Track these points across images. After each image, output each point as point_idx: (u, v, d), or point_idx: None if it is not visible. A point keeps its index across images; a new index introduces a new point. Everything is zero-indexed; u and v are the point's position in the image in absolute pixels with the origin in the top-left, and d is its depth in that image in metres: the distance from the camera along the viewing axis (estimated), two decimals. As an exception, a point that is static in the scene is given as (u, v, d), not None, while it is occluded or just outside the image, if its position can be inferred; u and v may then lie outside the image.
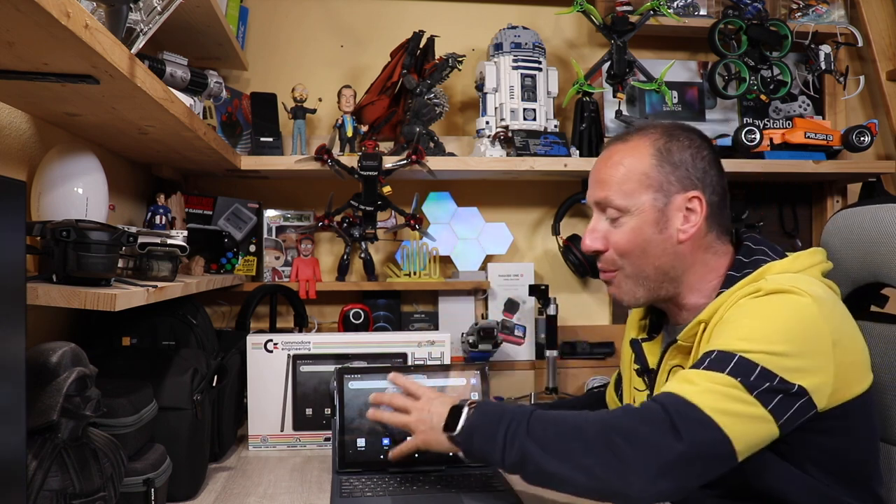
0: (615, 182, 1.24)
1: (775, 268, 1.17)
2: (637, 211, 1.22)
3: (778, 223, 2.43)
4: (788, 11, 2.37)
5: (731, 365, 1.03)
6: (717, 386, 1.02)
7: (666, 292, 1.26)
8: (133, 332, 1.49)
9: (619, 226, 1.24)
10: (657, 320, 1.40)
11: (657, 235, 1.23)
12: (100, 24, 0.89)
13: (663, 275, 1.24)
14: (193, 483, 1.33)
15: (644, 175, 1.23)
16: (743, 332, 1.07)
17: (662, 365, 1.27)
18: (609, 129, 2.35)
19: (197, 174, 2.13)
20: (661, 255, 1.24)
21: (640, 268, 1.24)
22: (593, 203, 1.27)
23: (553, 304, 2.15)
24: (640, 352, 1.35)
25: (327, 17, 2.29)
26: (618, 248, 1.24)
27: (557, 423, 1.08)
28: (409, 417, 1.23)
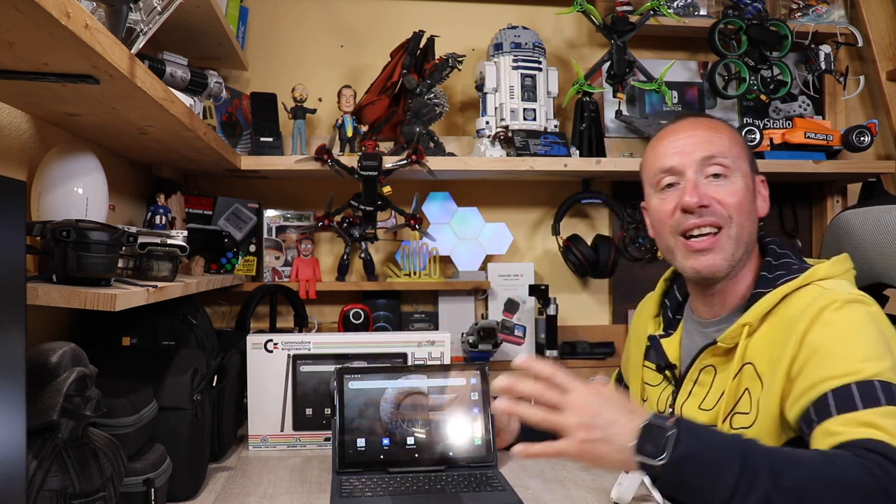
0: (724, 142, 1.24)
1: (820, 271, 1.18)
2: (741, 174, 1.24)
3: (778, 223, 2.43)
4: (788, 11, 2.37)
5: (882, 395, 1.01)
6: (894, 420, 0.99)
7: (739, 267, 1.25)
8: (133, 332, 1.48)
9: (726, 184, 1.23)
10: (672, 317, 1.41)
11: (752, 203, 1.26)
12: (100, 24, 0.89)
13: (748, 245, 1.25)
14: (193, 483, 1.33)
15: (743, 146, 1.28)
16: (859, 352, 1.06)
17: (695, 364, 1.27)
18: (609, 129, 2.36)
19: (197, 174, 2.13)
20: (753, 223, 1.25)
21: (744, 228, 1.23)
22: (695, 162, 1.23)
23: (553, 304, 2.15)
24: (658, 347, 1.35)
25: (327, 17, 2.29)
26: (728, 204, 1.21)
27: (806, 470, 0.94)
28: (566, 419, 0.99)
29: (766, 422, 1.14)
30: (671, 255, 1.29)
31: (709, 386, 1.25)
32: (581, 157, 2.14)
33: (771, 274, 1.22)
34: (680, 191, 1.24)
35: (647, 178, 1.33)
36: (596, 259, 2.19)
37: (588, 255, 2.18)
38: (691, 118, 1.30)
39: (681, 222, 1.24)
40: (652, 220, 1.33)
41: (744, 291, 1.26)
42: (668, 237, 1.27)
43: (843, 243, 1.37)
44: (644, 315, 1.47)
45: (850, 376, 1.04)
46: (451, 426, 1.44)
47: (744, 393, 1.19)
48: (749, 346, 1.19)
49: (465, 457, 1.42)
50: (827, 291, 1.13)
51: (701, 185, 1.23)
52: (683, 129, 1.28)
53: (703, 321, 1.31)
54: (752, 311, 1.18)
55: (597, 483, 1.36)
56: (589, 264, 2.18)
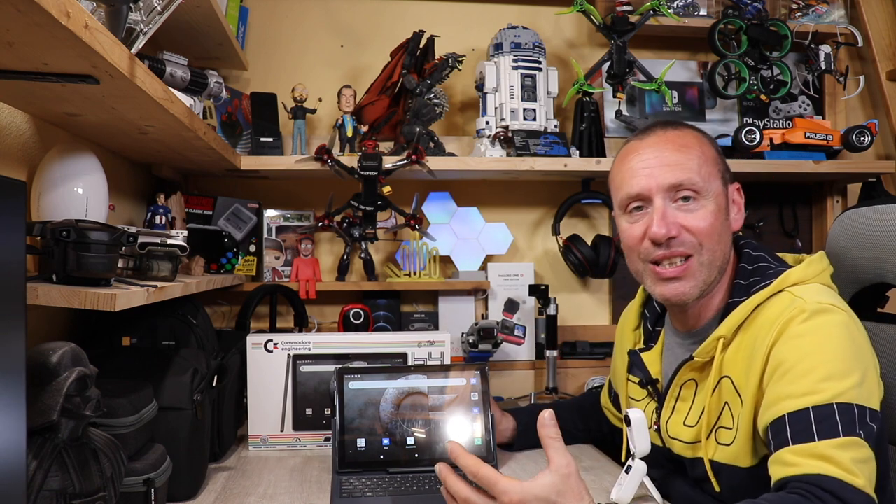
0: (693, 165, 1.19)
1: (792, 276, 1.15)
2: (712, 196, 1.20)
3: (778, 223, 2.43)
4: (788, 11, 2.37)
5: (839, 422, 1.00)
6: (851, 452, 0.99)
7: (711, 288, 1.22)
8: (133, 332, 1.48)
9: (695, 209, 1.18)
10: (652, 329, 1.39)
11: (724, 222, 1.22)
12: (100, 24, 0.89)
13: (721, 267, 1.21)
14: (193, 483, 1.33)
15: (714, 161, 1.23)
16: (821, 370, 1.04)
17: (675, 381, 1.25)
18: (609, 129, 2.36)
19: (197, 174, 2.13)
20: (726, 243, 1.22)
21: (715, 254, 1.19)
22: (662, 188, 1.19)
23: (553, 304, 2.15)
24: (639, 363, 1.33)
25: (327, 17, 2.29)
26: (698, 231, 1.17)
27: None
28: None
29: (742, 439, 1.13)
30: (640, 278, 1.26)
31: (691, 401, 1.23)
32: (581, 157, 2.14)
33: (745, 281, 1.20)
34: (648, 217, 1.20)
35: (615, 198, 1.28)
36: (596, 259, 2.19)
37: (588, 255, 2.18)
38: (659, 131, 1.24)
39: (650, 251, 1.20)
40: (621, 239, 1.29)
41: (719, 303, 1.24)
42: (638, 262, 1.24)
43: (846, 244, 1.36)
44: (625, 328, 1.45)
45: (808, 398, 1.02)
46: (451, 426, 1.44)
47: (724, 407, 1.17)
48: (725, 360, 1.17)
49: (465, 457, 1.42)
50: (796, 301, 1.10)
51: (669, 214, 1.18)
52: (651, 147, 1.22)
53: (682, 333, 1.30)
54: (725, 324, 1.16)
55: (597, 483, 1.36)
56: (589, 264, 2.18)
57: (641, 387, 1.34)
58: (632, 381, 1.39)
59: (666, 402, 1.27)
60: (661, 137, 1.23)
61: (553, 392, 2.13)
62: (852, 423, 1.00)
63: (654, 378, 1.31)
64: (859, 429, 1.00)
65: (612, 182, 1.30)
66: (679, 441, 1.25)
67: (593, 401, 1.67)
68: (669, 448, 1.28)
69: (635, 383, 1.37)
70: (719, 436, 1.17)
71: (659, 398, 1.30)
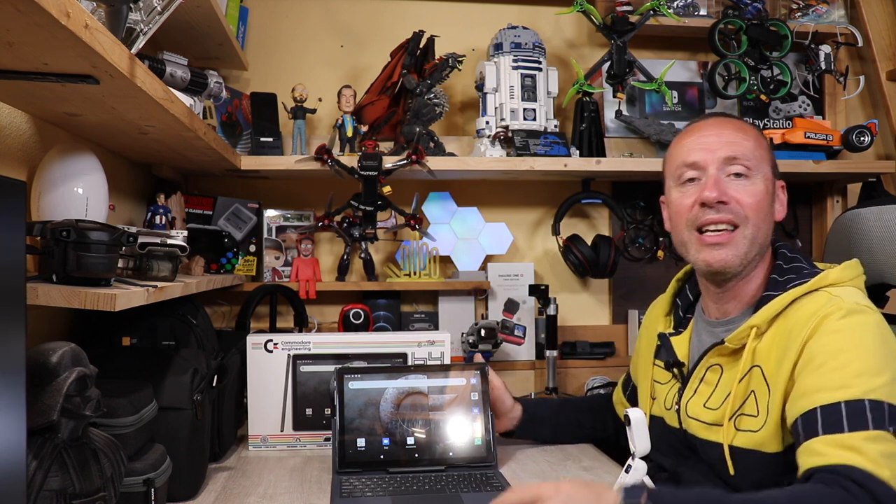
0: (749, 144, 1.25)
1: (830, 276, 1.19)
2: (762, 177, 1.25)
3: (778, 223, 2.42)
4: (788, 11, 2.37)
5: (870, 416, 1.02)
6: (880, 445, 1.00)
7: (751, 268, 1.26)
8: (133, 332, 1.48)
9: (747, 185, 1.24)
10: (682, 315, 1.41)
11: (770, 206, 1.27)
12: (100, 24, 0.89)
13: (762, 247, 1.26)
14: (193, 483, 1.33)
15: (767, 150, 1.29)
16: (854, 366, 1.06)
17: (702, 363, 1.28)
18: (609, 129, 2.36)
19: (197, 174, 2.13)
20: (769, 226, 1.26)
21: (759, 229, 1.24)
22: (718, 160, 1.24)
23: (553, 304, 2.15)
24: (668, 345, 1.36)
25: (327, 17, 2.29)
26: (747, 205, 1.23)
27: None
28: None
29: (772, 426, 1.14)
30: (684, 248, 1.30)
31: (714, 385, 1.25)
32: (581, 157, 2.14)
33: (781, 277, 1.23)
34: (700, 186, 1.25)
35: (670, 172, 1.34)
36: (596, 259, 2.19)
37: (588, 255, 2.18)
38: (720, 117, 1.31)
39: (698, 216, 1.25)
40: (670, 213, 1.34)
41: (754, 293, 1.27)
42: (684, 231, 1.28)
43: (847, 244, 1.37)
44: (655, 314, 1.49)
45: (841, 392, 1.04)
46: (451, 426, 1.44)
47: (749, 395, 1.19)
48: (757, 350, 1.19)
49: (465, 457, 1.42)
50: (834, 299, 1.13)
51: (722, 182, 1.24)
52: (711, 127, 1.29)
53: (713, 321, 1.32)
54: (760, 314, 1.19)
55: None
56: (589, 264, 2.18)
57: (667, 369, 1.36)
58: (658, 365, 1.41)
59: (690, 382, 1.30)
60: (721, 121, 1.30)
61: (553, 392, 2.13)
62: (882, 418, 1.02)
63: (680, 361, 1.34)
64: (889, 424, 1.02)
65: (667, 159, 1.36)
66: (697, 421, 1.26)
67: (602, 401, 1.68)
68: (685, 429, 1.29)
69: (661, 367, 1.39)
70: (739, 422, 1.19)
71: (683, 380, 1.32)
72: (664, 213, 1.38)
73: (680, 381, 1.34)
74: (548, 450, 1.60)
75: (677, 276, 1.48)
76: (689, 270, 1.45)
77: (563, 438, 1.64)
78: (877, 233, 1.30)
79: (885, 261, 1.28)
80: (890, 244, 1.27)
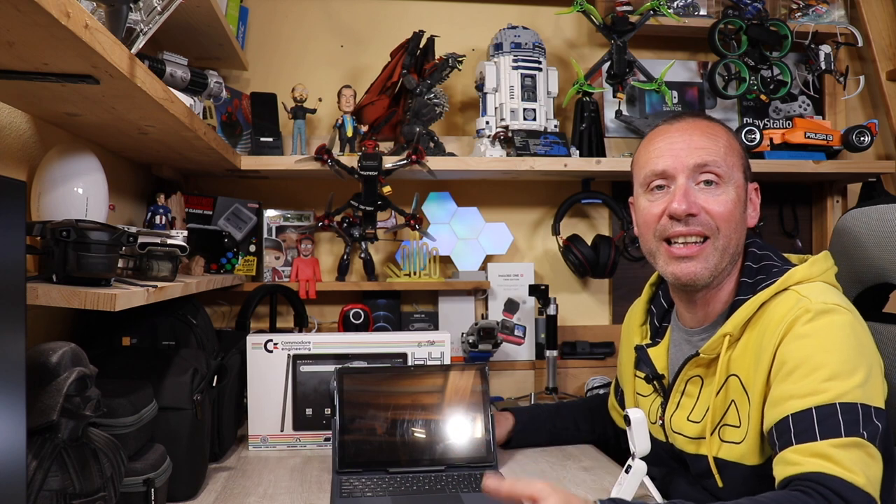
0: (720, 151, 1.21)
1: (797, 274, 1.16)
2: (733, 184, 1.21)
3: (778, 223, 2.43)
4: (788, 11, 2.37)
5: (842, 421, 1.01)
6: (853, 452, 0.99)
7: (722, 276, 1.23)
8: (133, 332, 1.48)
9: (717, 194, 1.20)
10: (658, 324, 1.40)
11: (742, 214, 1.23)
12: (100, 24, 0.89)
13: (733, 256, 1.22)
14: (193, 483, 1.33)
15: (740, 154, 1.25)
16: (824, 371, 1.04)
17: (680, 376, 1.26)
18: (609, 129, 2.36)
19: (197, 174, 2.13)
20: (741, 234, 1.23)
21: (730, 240, 1.20)
22: (687, 168, 1.20)
23: (553, 304, 2.15)
24: (646, 358, 1.34)
25: (327, 17, 2.29)
26: (717, 215, 1.18)
27: None
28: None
29: (753, 438, 1.13)
30: (653, 258, 1.27)
31: (696, 397, 1.24)
32: (581, 157, 2.14)
33: (751, 279, 1.21)
34: (669, 195, 1.21)
35: (637, 177, 1.30)
36: (596, 259, 2.19)
37: (588, 255, 2.18)
38: (689, 119, 1.26)
39: (666, 228, 1.21)
40: (637, 220, 1.30)
41: (726, 298, 1.24)
42: (652, 240, 1.25)
43: (849, 244, 1.36)
44: (631, 324, 1.46)
45: (811, 398, 1.03)
46: (451, 426, 1.44)
47: (730, 405, 1.17)
48: (732, 358, 1.17)
49: (465, 457, 1.42)
50: (801, 300, 1.11)
51: (691, 193, 1.19)
52: (680, 131, 1.24)
53: (689, 329, 1.30)
54: (731, 321, 1.17)
55: (597, 483, 1.36)
56: (589, 264, 2.18)
57: (647, 382, 1.34)
58: (638, 377, 1.39)
59: (671, 396, 1.28)
60: (691, 124, 1.25)
61: (553, 392, 2.13)
62: (855, 422, 1.01)
63: (660, 373, 1.32)
64: (863, 428, 1.00)
65: (636, 163, 1.31)
66: (682, 436, 1.25)
67: (600, 403, 1.67)
68: (672, 443, 1.28)
69: (642, 378, 1.37)
70: (724, 433, 1.18)
71: (664, 393, 1.30)
72: (633, 216, 1.34)
73: (661, 394, 1.31)
74: (548, 450, 1.60)
75: (650, 282, 1.44)
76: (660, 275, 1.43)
77: (562, 443, 1.63)
78: (879, 233, 1.29)
79: (887, 260, 1.28)
80: (892, 244, 1.26)
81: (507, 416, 1.59)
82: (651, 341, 1.38)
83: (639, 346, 1.37)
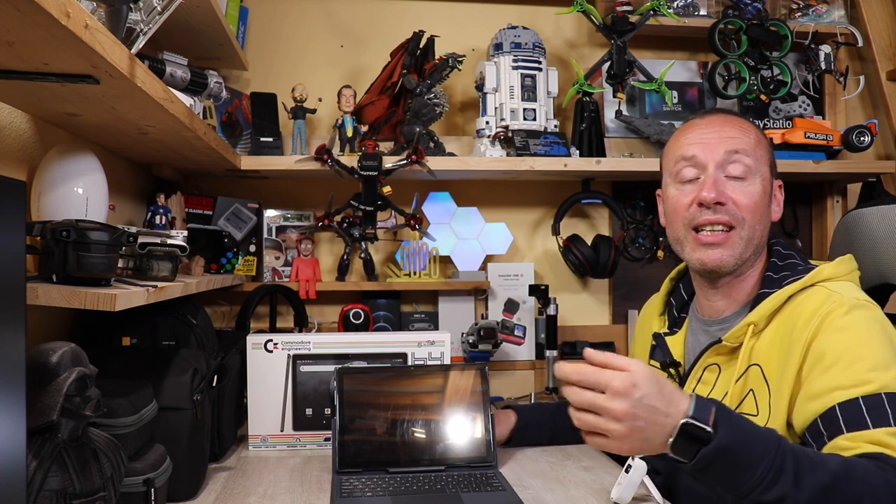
0: (750, 143, 1.25)
1: (825, 272, 1.18)
2: (760, 177, 1.25)
3: (778, 223, 2.43)
4: (788, 11, 2.37)
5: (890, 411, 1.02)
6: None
7: (746, 267, 1.26)
8: (133, 332, 1.48)
9: (745, 185, 1.23)
10: (677, 315, 1.41)
11: (767, 207, 1.27)
12: (100, 24, 0.89)
13: (757, 247, 1.25)
14: (193, 483, 1.33)
15: (768, 149, 1.29)
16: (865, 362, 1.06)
17: (699, 363, 1.27)
18: (609, 129, 2.36)
19: (197, 174, 2.13)
20: (765, 227, 1.26)
21: (755, 230, 1.23)
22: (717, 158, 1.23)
23: (553, 304, 2.15)
24: (663, 345, 1.36)
25: (327, 17, 2.29)
26: (744, 206, 1.22)
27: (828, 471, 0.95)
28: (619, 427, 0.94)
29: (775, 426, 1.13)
30: (680, 246, 1.30)
31: (713, 384, 1.25)
32: (581, 157, 2.14)
33: (776, 275, 1.23)
34: (698, 185, 1.25)
35: (667, 166, 1.33)
36: (596, 259, 2.19)
37: (588, 255, 2.18)
38: (722, 113, 1.30)
39: (695, 216, 1.25)
40: (666, 209, 1.34)
41: (749, 290, 1.27)
42: (680, 228, 1.28)
43: (851, 244, 1.37)
44: (649, 314, 1.48)
45: (858, 388, 1.04)
46: (452, 426, 1.45)
47: (748, 394, 1.18)
48: (755, 348, 1.19)
49: (465, 457, 1.42)
50: (833, 295, 1.13)
51: (720, 183, 1.23)
52: (712, 123, 1.28)
53: (708, 320, 1.32)
54: (757, 311, 1.18)
55: (597, 483, 1.36)
56: (589, 264, 2.18)
57: (663, 369, 1.35)
58: (653, 366, 1.40)
59: (687, 382, 1.29)
60: (723, 117, 1.29)
61: (553, 392, 2.13)
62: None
63: (676, 361, 1.33)
64: None
65: (665, 154, 1.35)
66: None
67: None
68: None
69: (656, 367, 1.38)
70: None
71: (680, 381, 1.32)
72: (659, 207, 1.38)
73: (677, 381, 1.33)
74: (548, 450, 1.60)
75: (670, 276, 1.47)
76: (682, 270, 1.45)
77: (562, 442, 1.63)
78: (880, 233, 1.30)
79: (888, 261, 1.28)
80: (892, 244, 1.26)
81: (509, 414, 1.60)
82: (669, 330, 1.39)
83: (657, 333, 1.39)
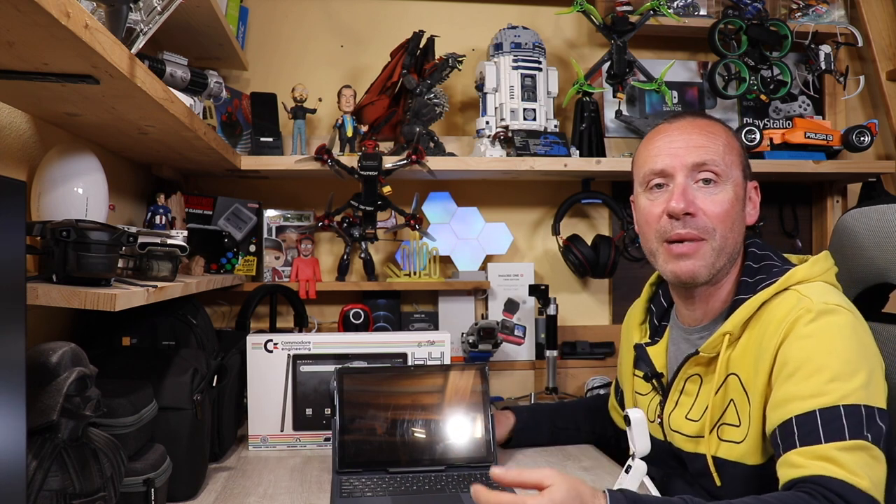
0: (718, 149, 1.22)
1: (798, 274, 1.16)
2: (731, 183, 1.22)
3: (778, 223, 2.43)
4: (788, 11, 2.37)
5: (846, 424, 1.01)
6: (857, 455, 1.00)
7: (721, 275, 1.23)
8: (133, 332, 1.48)
9: (714, 193, 1.20)
10: (658, 323, 1.40)
11: (740, 212, 1.24)
12: (100, 24, 0.89)
13: (731, 255, 1.23)
14: (193, 483, 1.33)
15: (738, 152, 1.25)
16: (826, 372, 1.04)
17: (680, 374, 1.26)
18: (609, 129, 2.36)
19: (197, 174, 2.13)
20: (738, 233, 1.23)
21: (727, 240, 1.21)
22: (686, 167, 1.21)
23: (553, 304, 2.15)
24: (645, 356, 1.34)
25: (327, 17, 2.29)
26: (714, 215, 1.19)
27: None
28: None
29: (754, 437, 1.13)
30: (653, 258, 1.28)
31: (695, 395, 1.24)
32: (581, 157, 2.14)
33: (752, 279, 1.21)
34: (668, 194, 1.22)
35: (637, 176, 1.31)
36: (596, 259, 2.19)
37: (588, 255, 2.18)
38: (689, 118, 1.27)
39: (666, 229, 1.22)
40: (638, 219, 1.32)
41: (725, 297, 1.25)
42: (652, 240, 1.26)
43: (849, 244, 1.36)
44: (630, 323, 1.46)
45: (815, 400, 1.03)
46: (451, 426, 1.44)
47: (729, 404, 1.17)
48: (732, 357, 1.17)
49: (465, 457, 1.42)
50: (802, 300, 1.11)
51: (689, 191, 1.20)
52: (679, 131, 1.25)
53: (688, 328, 1.30)
54: (731, 320, 1.17)
55: (597, 483, 1.36)
56: (589, 264, 2.18)
57: (646, 380, 1.35)
58: (637, 376, 1.40)
59: (670, 395, 1.28)
60: (690, 123, 1.26)
61: (553, 392, 2.13)
62: (859, 424, 1.01)
63: (659, 372, 1.32)
64: (867, 431, 1.01)
65: (635, 162, 1.32)
66: (680, 434, 1.25)
67: (601, 404, 1.67)
68: (671, 442, 1.28)
69: (640, 377, 1.38)
70: (722, 432, 1.18)
71: (663, 392, 1.31)
72: (634, 214, 1.35)
73: (660, 392, 1.32)
74: (548, 450, 1.60)
75: (650, 281, 1.45)
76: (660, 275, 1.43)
77: (562, 443, 1.63)
78: (880, 232, 1.29)
79: (887, 261, 1.28)
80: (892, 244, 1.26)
81: (507, 415, 1.60)
82: (650, 340, 1.38)
83: (638, 344, 1.37)
